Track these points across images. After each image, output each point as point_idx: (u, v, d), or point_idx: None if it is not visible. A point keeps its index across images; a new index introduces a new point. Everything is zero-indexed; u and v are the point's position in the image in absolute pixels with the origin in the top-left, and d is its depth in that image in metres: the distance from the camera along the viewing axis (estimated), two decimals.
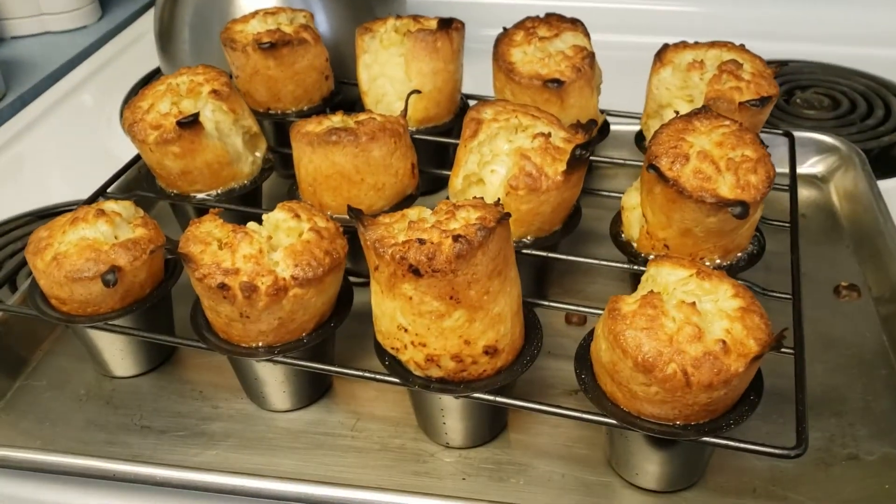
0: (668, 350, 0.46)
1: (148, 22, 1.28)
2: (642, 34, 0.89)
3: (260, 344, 0.55)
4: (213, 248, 0.53)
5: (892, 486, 0.55)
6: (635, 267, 0.61)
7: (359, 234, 0.51)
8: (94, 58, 1.17)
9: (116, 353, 0.62)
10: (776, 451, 0.48)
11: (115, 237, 0.59)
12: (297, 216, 0.56)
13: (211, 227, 0.54)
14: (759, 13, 1.13)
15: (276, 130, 0.83)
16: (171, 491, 0.54)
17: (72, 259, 0.57)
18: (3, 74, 1.08)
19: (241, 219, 0.59)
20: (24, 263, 0.68)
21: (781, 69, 0.75)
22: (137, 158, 0.77)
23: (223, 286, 0.51)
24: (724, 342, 0.46)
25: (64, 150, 0.97)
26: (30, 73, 1.12)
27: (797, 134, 0.80)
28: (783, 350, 0.54)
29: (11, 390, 0.64)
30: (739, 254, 0.61)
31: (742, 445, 0.48)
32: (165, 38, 0.97)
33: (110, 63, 1.16)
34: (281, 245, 0.54)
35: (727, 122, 0.60)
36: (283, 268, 0.53)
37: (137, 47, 1.21)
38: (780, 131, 0.78)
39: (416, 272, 0.48)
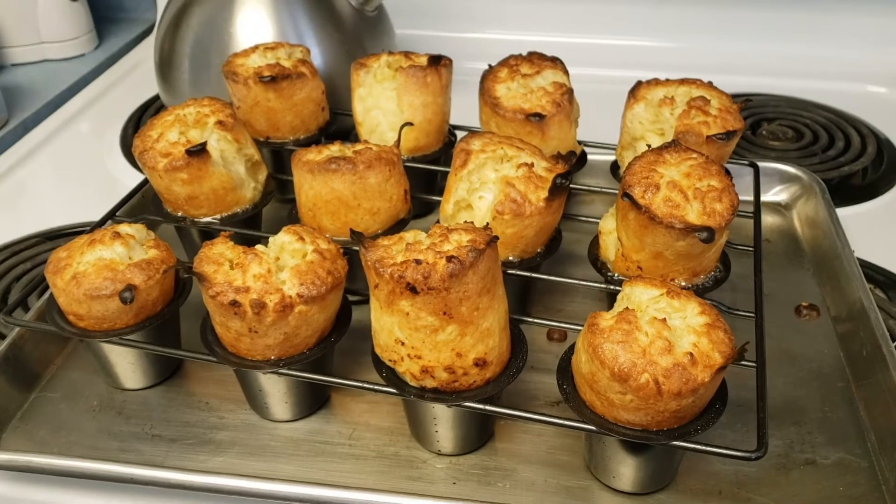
0: (641, 361, 0.51)
1: (143, 51, 1.33)
2: (618, 69, 0.94)
3: (266, 357, 0.59)
4: (226, 267, 0.57)
5: (846, 488, 0.60)
6: (611, 287, 0.66)
7: (360, 255, 0.56)
8: (93, 86, 1.21)
9: (128, 366, 0.66)
10: (739, 454, 0.53)
11: (130, 258, 0.63)
12: (302, 239, 0.61)
13: (223, 249, 0.59)
14: (727, 48, 1.19)
15: (274, 158, 0.87)
16: (183, 493, 0.58)
17: (90, 278, 0.61)
18: (6, 101, 1.12)
19: (243, 241, 0.63)
20: (38, 283, 0.72)
21: (747, 104, 0.81)
22: (143, 184, 0.81)
23: (235, 303, 0.56)
24: (691, 354, 0.52)
25: (66, 175, 1.01)
26: (31, 100, 1.16)
27: (762, 164, 0.86)
28: (746, 363, 0.59)
29: (28, 402, 0.67)
30: (706, 275, 0.66)
31: (708, 449, 0.53)
32: (165, 68, 1.01)
33: (109, 91, 1.20)
34: (287, 265, 0.59)
35: (695, 155, 0.66)
36: (289, 286, 0.57)
37: (134, 76, 1.25)
38: (746, 162, 0.84)
39: (412, 290, 0.53)
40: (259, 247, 0.60)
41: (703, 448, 0.53)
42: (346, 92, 0.90)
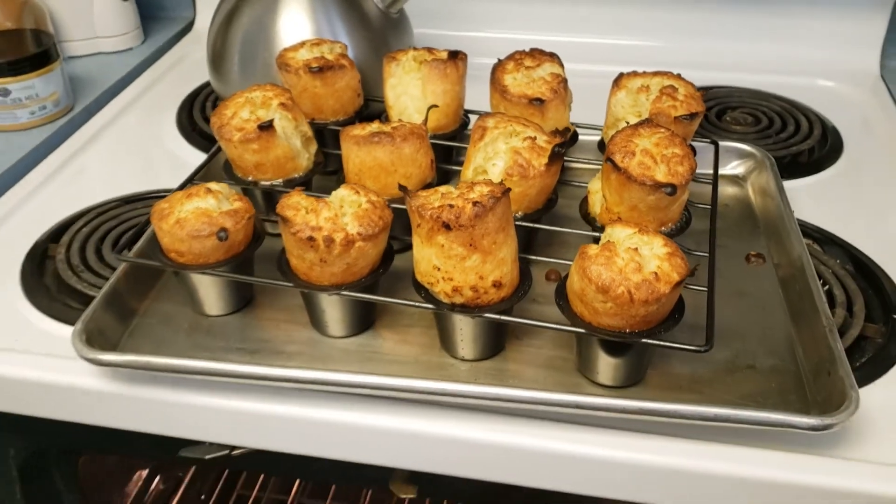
0: (618, 277, 0.68)
1: (185, 46, 1.49)
2: (604, 64, 1.10)
3: (331, 283, 0.77)
4: (302, 212, 0.74)
5: (777, 385, 0.77)
6: (597, 234, 0.84)
7: (406, 202, 0.73)
8: (145, 75, 1.38)
9: (214, 295, 0.83)
10: (692, 348, 0.70)
11: (220, 208, 0.80)
12: (357, 192, 0.78)
13: (299, 199, 0.76)
14: (697, 47, 1.35)
15: (317, 136, 1.04)
16: (265, 386, 0.75)
17: (191, 222, 0.78)
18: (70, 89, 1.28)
19: None
20: (142, 229, 0.88)
21: (707, 92, 0.99)
22: (212, 156, 0.98)
23: (311, 238, 0.73)
24: (656, 273, 0.69)
25: (131, 151, 1.17)
26: (90, 88, 1.32)
27: (722, 143, 1.03)
28: (699, 287, 0.77)
29: (130, 327, 0.84)
30: (673, 224, 0.84)
31: (670, 345, 0.70)
32: (218, 60, 1.18)
33: (160, 80, 1.36)
34: (348, 212, 0.76)
35: (663, 130, 0.83)
36: (351, 226, 0.74)
37: (180, 67, 1.41)
38: (708, 140, 1.02)
39: (447, 227, 0.70)
40: (326, 197, 0.77)
41: (666, 344, 0.70)
42: (373, 81, 1.07)
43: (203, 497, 1.40)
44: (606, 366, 0.75)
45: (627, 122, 0.88)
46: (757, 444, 0.72)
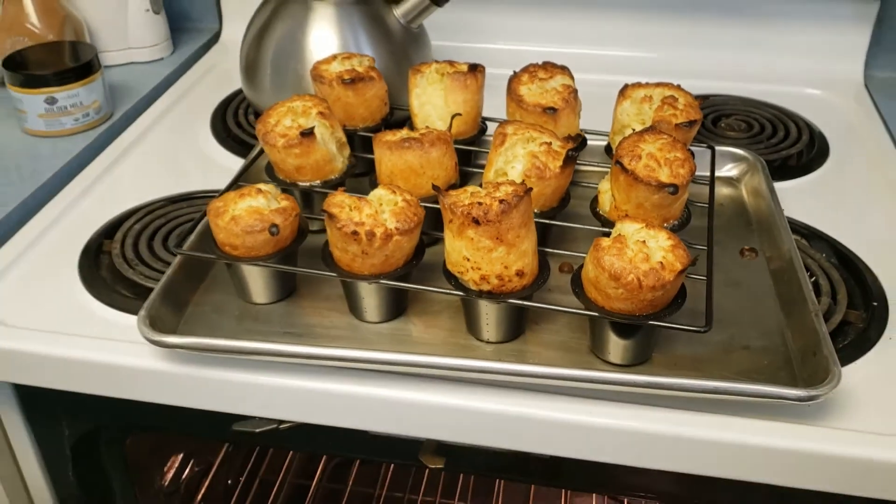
0: (628, 266, 0.77)
1: (213, 57, 1.58)
2: (610, 74, 1.20)
3: (370, 272, 0.86)
4: (346, 210, 0.84)
5: (769, 363, 0.85)
6: (607, 228, 0.93)
7: (439, 200, 0.82)
8: (178, 84, 1.47)
9: (262, 285, 0.92)
10: (693, 329, 0.79)
11: (270, 206, 0.89)
12: (394, 192, 0.87)
13: (342, 198, 0.85)
14: (695, 58, 1.44)
15: (348, 141, 1.13)
16: (315, 366, 0.84)
17: (245, 219, 0.87)
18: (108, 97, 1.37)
19: None
20: (195, 223, 0.97)
21: (705, 101, 1.09)
22: (253, 160, 1.08)
23: (354, 233, 0.82)
24: (661, 263, 0.78)
25: (170, 155, 1.26)
26: (127, 96, 1.41)
27: (718, 148, 1.13)
28: (698, 277, 0.86)
29: (185, 315, 0.92)
30: (675, 220, 0.94)
31: (673, 325, 0.79)
32: (251, 72, 1.27)
33: (192, 89, 1.45)
34: (386, 209, 0.85)
35: (665, 136, 0.93)
36: (389, 222, 0.84)
37: (210, 76, 1.50)
38: (705, 145, 1.11)
39: (476, 222, 0.79)
40: (366, 196, 0.86)
41: (671, 325, 0.79)
42: (396, 91, 1.17)
43: (230, 482, 1.49)
44: (616, 346, 0.84)
45: (633, 129, 0.98)
46: (750, 415, 0.81)
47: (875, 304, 0.96)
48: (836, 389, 0.78)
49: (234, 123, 1.34)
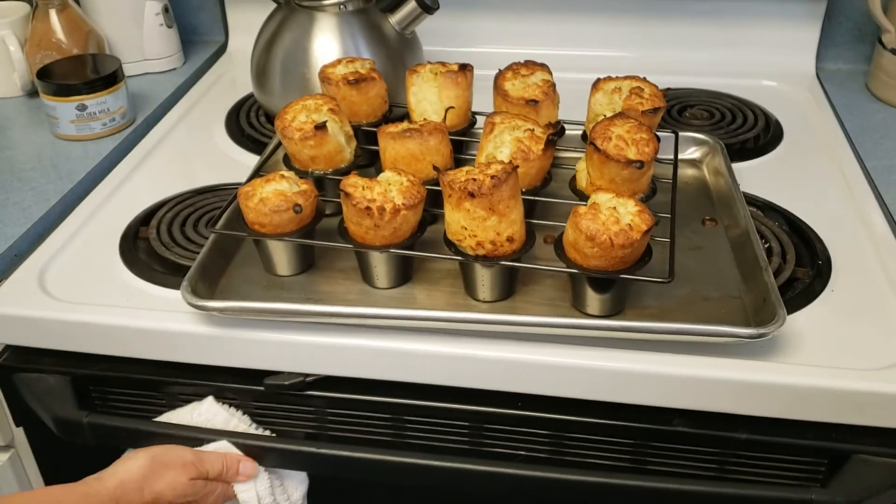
0: (602, 228, 0.91)
1: (222, 67, 1.72)
2: (585, 72, 1.32)
3: (382, 243, 0.99)
4: (360, 189, 0.97)
5: (727, 312, 0.97)
6: (583, 202, 1.07)
7: (439, 178, 0.96)
8: (191, 92, 1.60)
9: (286, 259, 1.04)
10: (658, 280, 0.93)
11: (292, 189, 1.03)
12: (399, 174, 1.01)
13: (355, 180, 0.99)
14: (662, 55, 1.59)
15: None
16: (336, 323, 0.97)
17: (272, 200, 1.00)
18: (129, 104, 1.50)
19: None
20: (227, 207, 1.10)
21: (668, 92, 1.23)
22: (271, 153, 1.21)
23: (368, 208, 0.95)
24: (630, 225, 0.92)
25: (190, 154, 1.39)
26: (146, 104, 1.54)
27: (681, 133, 1.26)
28: (663, 239, 1.00)
29: (219, 286, 1.05)
30: (642, 194, 1.08)
31: (641, 278, 0.93)
32: (261, 77, 1.41)
33: (205, 95, 1.58)
34: (393, 188, 0.99)
35: (633, 121, 1.06)
36: (397, 198, 0.97)
37: (220, 84, 1.63)
38: (669, 130, 1.25)
39: (472, 195, 0.93)
40: (377, 177, 1.00)
41: (639, 278, 0.93)
42: (394, 90, 1.30)
43: None
44: (594, 300, 0.98)
45: (605, 117, 1.12)
46: (711, 354, 0.94)
47: (820, 262, 1.10)
48: (783, 330, 0.92)
49: (248, 124, 1.47)
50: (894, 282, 1.06)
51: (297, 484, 1.06)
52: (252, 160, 1.32)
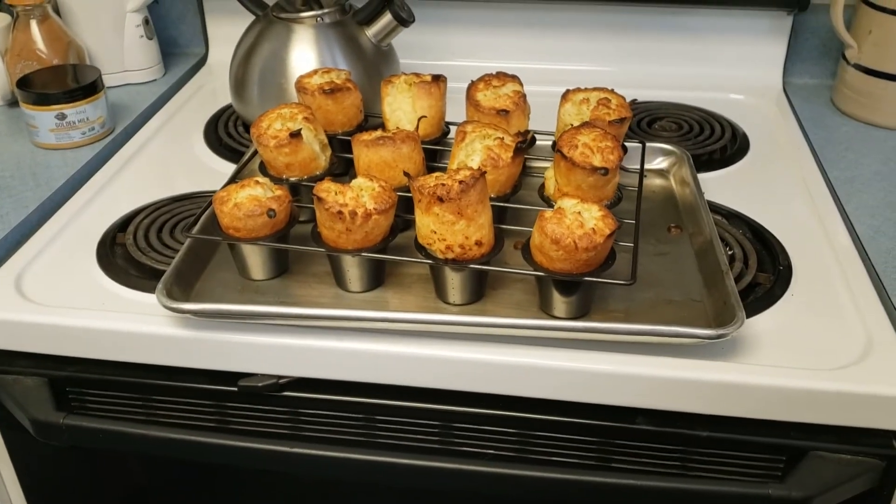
0: (566, 232, 0.94)
1: (201, 78, 1.74)
2: (555, 85, 1.36)
3: (353, 247, 1.02)
4: (332, 193, 1.00)
5: (688, 314, 1.00)
6: (551, 208, 1.10)
7: (409, 184, 0.99)
8: (171, 102, 1.62)
9: (260, 263, 1.07)
10: (621, 282, 0.96)
11: (266, 195, 1.05)
12: (371, 180, 1.04)
13: (329, 185, 1.01)
14: (631, 69, 1.64)
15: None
16: (309, 326, 0.99)
17: (247, 205, 1.02)
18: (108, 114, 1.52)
19: None
20: (202, 212, 1.13)
21: (639, 105, 1.27)
22: (248, 160, 1.24)
23: (340, 212, 0.98)
24: (594, 229, 0.95)
25: (169, 162, 1.41)
26: (125, 114, 1.56)
27: (649, 144, 1.30)
28: (626, 244, 1.03)
29: (195, 290, 1.07)
30: (607, 201, 1.11)
31: (605, 280, 0.96)
32: (239, 87, 1.44)
33: (184, 105, 1.61)
34: (365, 193, 1.02)
35: (599, 130, 1.10)
36: (369, 204, 0.99)
37: (200, 95, 1.66)
38: (637, 141, 1.29)
39: (440, 200, 0.96)
40: (350, 183, 1.03)
41: (603, 280, 0.96)
42: (369, 101, 1.33)
43: None
44: (560, 303, 1.01)
45: (572, 124, 1.15)
46: (673, 355, 0.97)
47: (782, 268, 1.14)
48: (743, 332, 0.96)
49: (226, 134, 1.50)
50: (852, 287, 1.09)
51: None
52: (230, 169, 1.34)
